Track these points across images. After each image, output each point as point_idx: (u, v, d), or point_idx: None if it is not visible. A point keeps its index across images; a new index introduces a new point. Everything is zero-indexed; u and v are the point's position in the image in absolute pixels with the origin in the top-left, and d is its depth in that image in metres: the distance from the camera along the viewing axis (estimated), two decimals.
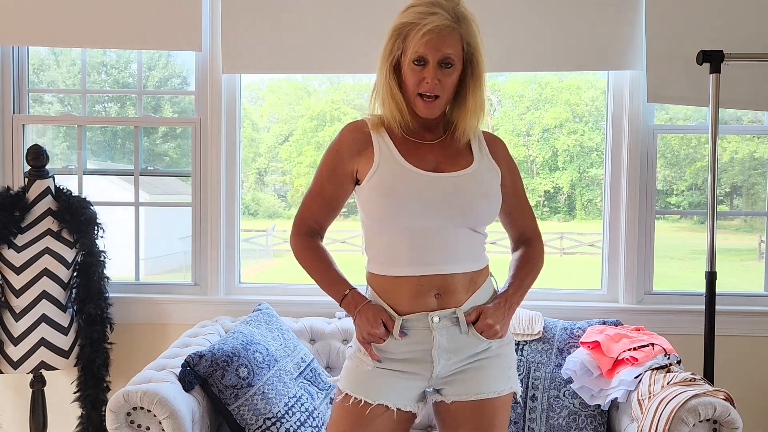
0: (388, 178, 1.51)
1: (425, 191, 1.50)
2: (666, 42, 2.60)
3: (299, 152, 9.31)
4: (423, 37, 1.44)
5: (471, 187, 1.52)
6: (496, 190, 1.57)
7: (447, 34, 1.45)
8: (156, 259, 4.95)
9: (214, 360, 2.12)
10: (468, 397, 1.54)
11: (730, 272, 6.74)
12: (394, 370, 1.54)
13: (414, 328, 1.51)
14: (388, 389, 1.53)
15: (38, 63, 3.16)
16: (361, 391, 1.53)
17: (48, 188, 2.63)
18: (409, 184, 1.50)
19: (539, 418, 2.32)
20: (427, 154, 1.56)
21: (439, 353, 1.52)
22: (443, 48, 1.45)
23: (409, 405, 1.56)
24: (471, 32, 1.49)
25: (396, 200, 1.49)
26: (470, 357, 1.55)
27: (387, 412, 1.52)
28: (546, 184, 10.57)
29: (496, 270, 1.67)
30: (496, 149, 1.64)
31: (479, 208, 1.53)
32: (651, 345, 2.21)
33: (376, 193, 1.51)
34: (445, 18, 1.44)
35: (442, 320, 1.51)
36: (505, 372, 1.58)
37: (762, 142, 3.29)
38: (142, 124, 2.88)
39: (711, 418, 1.87)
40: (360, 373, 1.56)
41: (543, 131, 10.49)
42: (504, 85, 9.67)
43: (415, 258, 1.50)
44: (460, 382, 1.55)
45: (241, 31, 2.70)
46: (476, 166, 1.56)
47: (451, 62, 1.47)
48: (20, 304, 2.53)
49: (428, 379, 1.56)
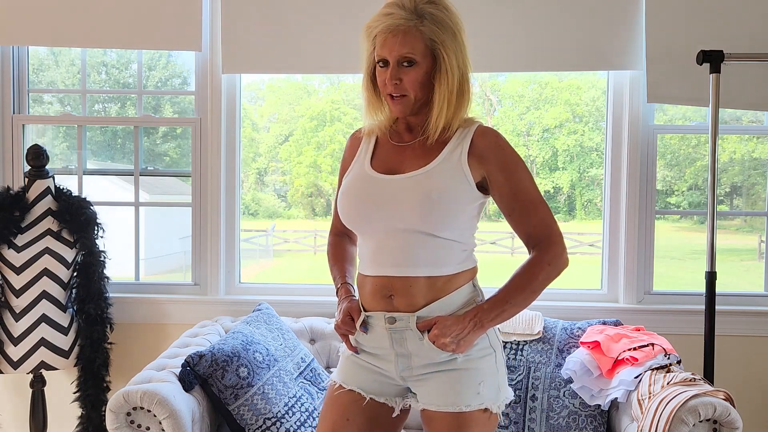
0: (348, 180, 1.59)
1: (366, 194, 1.53)
2: (666, 42, 2.60)
3: (299, 152, 9.31)
4: (378, 39, 1.47)
5: (409, 190, 1.48)
6: (449, 192, 1.48)
7: (401, 33, 1.44)
8: (156, 259, 4.95)
9: (214, 360, 2.12)
10: (433, 407, 1.50)
11: (730, 272, 6.74)
12: (365, 362, 1.58)
13: (375, 326, 1.53)
14: (361, 378, 1.58)
15: (38, 63, 3.16)
16: (339, 376, 1.61)
17: (48, 188, 2.63)
18: (357, 185, 1.55)
19: (539, 418, 2.32)
20: (395, 156, 1.56)
21: (399, 352, 1.52)
22: (398, 47, 1.45)
23: (382, 397, 1.57)
24: (436, 30, 1.45)
25: (344, 202, 1.56)
26: (434, 366, 1.50)
27: (360, 400, 1.56)
28: (546, 184, 10.56)
29: (495, 271, 1.65)
30: (481, 146, 1.52)
31: (416, 212, 1.46)
32: (651, 345, 2.21)
33: (339, 195, 1.60)
34: (400, 17, 1.44)
35: (398, 323, 1.49)
36: (474, 387, 1.48)
37: (761, 142, 3.29)
38: (142, 124, 2.88)
39: (711, 418, 1.87)
40: (342, 359, 1.63)
41: (543, 131, 10.49)
42: (504, 85, 9.67)
43: (372, 259, 1.54)
44: (429, 389, 1.52)
45: (241, 31, 2.70)
46: (432, 166, 1.50)
47: (410, 60, 1.46)
48: (20, 304, 2.53)
49: (396, 377, 1.56)
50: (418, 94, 1.50)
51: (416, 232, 1.48)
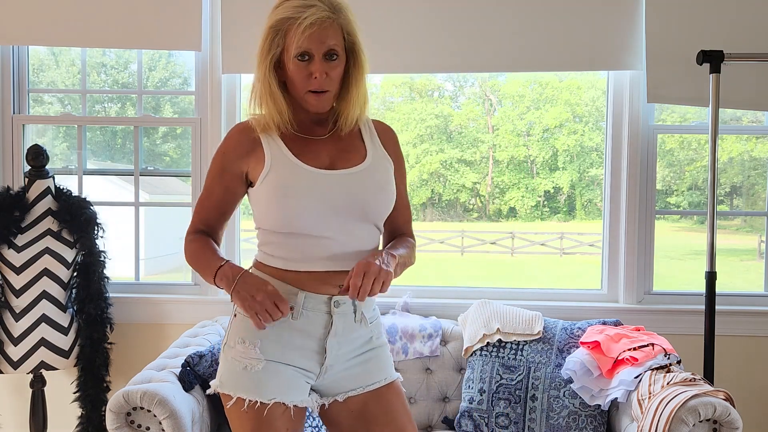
0: (283, 178, 1.48)
1: (324, 190, 1.47)
2: (666, 42, 2.60)
3: None
4: (305, 32, 1.41)
5: (367, 183, 1.51)
6: (391, 182, 1.56)
7: (328, 26, 1.43)
8: (156, 259, 4.95)
9: (214, 360, 2.12)
10: (363, 389, 1.54)
11: (730, 272, 6.75)
12: (283, 364, 1.48)
13: (313, 310, 1.48)
14: (281, 386, 1.47)
15: (38, 63, 3.16)
16: (254, 393, 1.45)
17: (48, 188, 2.63)
18: (305, 183, 1.47)
19: (539, 418, 2.32)
20: (319, 151, 1.53)
21: (332, 343, 1.49)
22: (326, 40, 1.43)
23: (304, 401, 1.50)
24: (348, 21, 1.47)
25: (294, 200, 1.46)
26: (356, 349, 1.54)
27: (285, 411, 1.46)
28: (546, 184, 10.58)
29: (496, 272, 1.64)
30: (387, 139, 1.62)
31: (377, 204, 1.52)
32: (651, 345, 2.21)
33: (273, 195, 1.47)
34: (323, 9, 1.42)
35: (342, 305, 1.50)
36: (389, 360, 1.60)
37: (760, 142, 3.30)
38: (142, 124, 2.88)
39: (711, 418, 1.87)
40: (249, 374, 1.46)
41: (543, 131, 10.50)
42: (504, 85, 9.68)
43: (320, 256, 1.48)
44: (351, 377, 1.54)
45: (241, 31, 2.70)
46: (370, 160, 1.54)
47: (336, 53, 1.45)
48: (20, 304, 2.53)
49: (317, 373, 1.52)
50: (337, 89, 1.51)
51: (370, 225, 1.53)
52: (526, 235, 12.61)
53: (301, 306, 1.48)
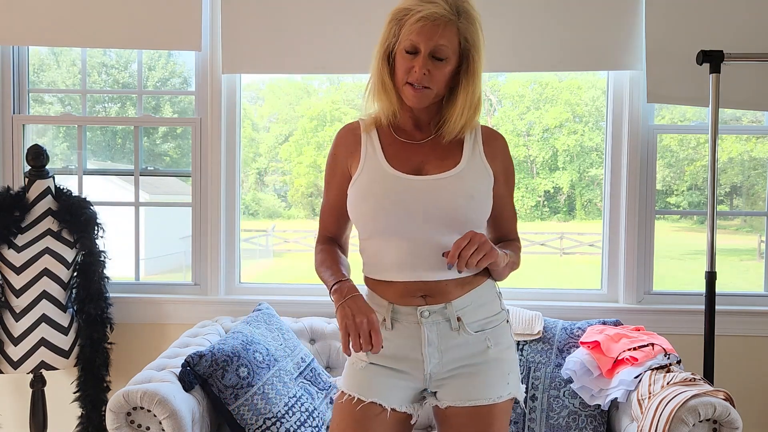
0: (367, 181, 1.49)
1: (403, 195, 1.46)
2: (666, 42, 2.60)
3: (299, 152, 9.32)
4: (416, 24, 1.40)
5: (453, 189, 1.47)
6: (483, 192, 1.52)
7: (442, 25, 1.41)
8: (156, 259, 4.96)
9: (214, 360, 2.12)
10: (463, 403, 1.49)
11: (730, 272, 6.75)
12: (386, 367, 1.50)
13: (403, 321, 1.49)
14: (381, 387, 1.49)
15: (38, 63, 3.16)
16: (354, 389, 1.50)
17: (48, 188, 2.63)
18: (384, 186, 1.47)
19: (539, 418, 2.32)
20: (413, 155, 1.52)
21: (430, 351, 1.48)
22: (436, 38, 1.40)
23: (404, 406, 1.51)
24: (471, 29, 1.45)
25: (370, 203, 1.47)
26: (466, 359, 1.50)
27: (382, 413, 1.48)
28: (546, 184, 10.57)
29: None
30: (493, 148, 1.57)
31: (463, 212, 1.47)
32: (651, 345, 2.21)
33: (356, 197, 1.50)
34: (443, 8, 1.41)
35: (432, 315, 1.48)
36: (504, 378, 1.52)
37: (760, 142, 3.30)
38: (142, 124, 2.88)
39: (711, 418, 1.87)
40: (354, 371, 1.52)
41: (543, 131, 10.50)
42: (504, 85, 9.67)
43: (400, 264, 1.48)
44: (455, 386, 1.50)
45: (241, 31, 2.70)
46: (463, 166, 1.50)
47: (444, 55, 1.43)
48: (20, 304, 2.53)
49: (422, 379, 1.51)
50: (441, 91, 1.49)
51: (454, 234, 1.46)
52: (526, 235, 12.60)
53: (390, 318, 1.50)
